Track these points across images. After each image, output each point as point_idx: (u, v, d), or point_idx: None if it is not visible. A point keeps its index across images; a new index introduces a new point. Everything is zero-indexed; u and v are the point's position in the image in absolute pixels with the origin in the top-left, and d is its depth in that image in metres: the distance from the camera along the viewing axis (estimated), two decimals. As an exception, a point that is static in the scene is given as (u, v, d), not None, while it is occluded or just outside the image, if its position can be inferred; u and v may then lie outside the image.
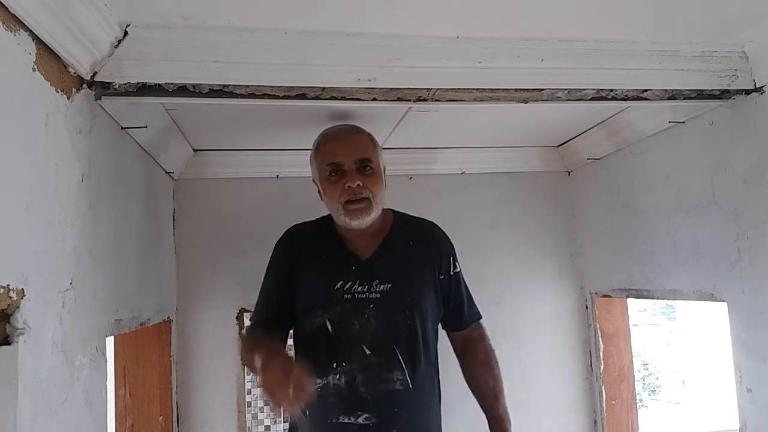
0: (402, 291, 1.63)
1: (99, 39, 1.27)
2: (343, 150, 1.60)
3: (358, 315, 1.59)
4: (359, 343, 1.58)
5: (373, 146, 1.67)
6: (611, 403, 2.65)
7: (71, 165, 1.26)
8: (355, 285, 1.61)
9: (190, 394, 2.41)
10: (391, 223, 1.73)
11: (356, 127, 1.70)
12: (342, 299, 1.60)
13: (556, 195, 2.82)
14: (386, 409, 1.57)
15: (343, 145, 1.62)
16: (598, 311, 2.68)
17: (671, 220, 2.07)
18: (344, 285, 1.61)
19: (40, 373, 1.07)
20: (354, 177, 1.58)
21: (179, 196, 2.49)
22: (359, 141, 1.64)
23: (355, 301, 1.60)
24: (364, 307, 1.60)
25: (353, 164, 1.59)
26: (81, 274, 1.28)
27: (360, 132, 1.67)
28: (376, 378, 1.57)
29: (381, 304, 1.60)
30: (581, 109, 2.07)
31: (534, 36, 1.51)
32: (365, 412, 1.56)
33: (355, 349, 1.58)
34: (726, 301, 1.81)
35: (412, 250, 1.70)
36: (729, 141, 1.79)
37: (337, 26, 1.40)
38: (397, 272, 1.64)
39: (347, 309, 1.60)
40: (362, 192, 1.57)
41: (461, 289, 1.77)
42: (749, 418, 1.75)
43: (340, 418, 1.56)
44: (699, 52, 1.62)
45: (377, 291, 1.60)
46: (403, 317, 1.61)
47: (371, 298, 1.60)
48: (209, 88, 1.42)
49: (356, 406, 1.56)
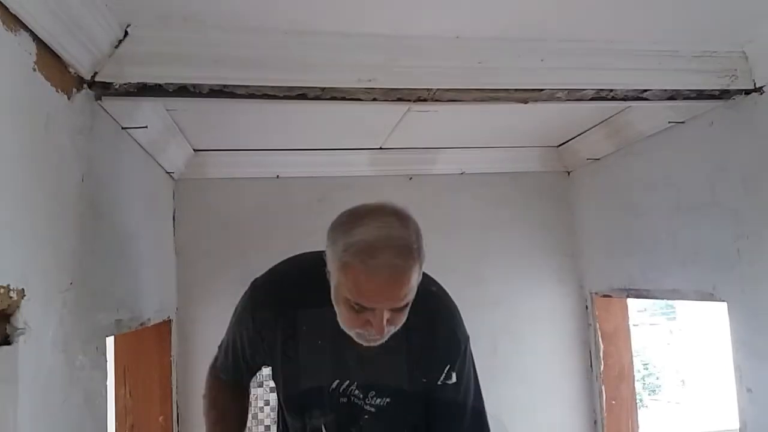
0: (400, 408, 1.37)
1: (99, 39, 1.27)
2: (381, 298, 1.17)
3: (353, 424, 1.38)
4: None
5: (419, 273, 1.20)
6: (611, 403, 2.65)
7: (71, 165, 1.26)
8: (351, 386, 1.36)
9: (190, 394, 2.40)
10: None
11: (407, 250, 1.16)
12: (338, 403, 1.37)
13: (555, 195, 2.82)
14: None
15: (384, 292, 1.17)
16: (598, 311, 2.68)
17: (671, 220, 2.07)
18: (340, 386, 1.36)
19: (41, 373, 1.07)
20: (382, 324, 1.19)
21: (179, 196, 2.49)
22: (405, 285, 1.16)
23: (351, 406, 1.37)
24: (358, 416, 1.38)
25: (387, 310, 1.19)
26: (81, 274, 1.28)
27: (409, 266, 1.16)
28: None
29: (376, 420, 1.37)
30: (581, 109, 2.07)
31: (534, 36, 1.51)
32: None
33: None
34: (726, 300, 1.81)
35: (416, 347, 1.35)
36: (729, 141, 1.79)
37: (337, 26, 1.40)
38: (397, 382, 1.36)
39: (343, 416, 1.38)
40: (385, 331, 1.21)
41: (447, 406, 1.38)
42: (749, 418, 1.75)
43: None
44: (699, 52, 1.62)
45: (373, 405, 1.37)
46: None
47: (365, 410, 1.37)
48: (209, 88, 1.42)
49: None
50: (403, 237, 1.16)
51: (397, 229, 1.17)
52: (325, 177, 2.62)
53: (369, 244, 1.14)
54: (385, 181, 2.63)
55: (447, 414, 1.38)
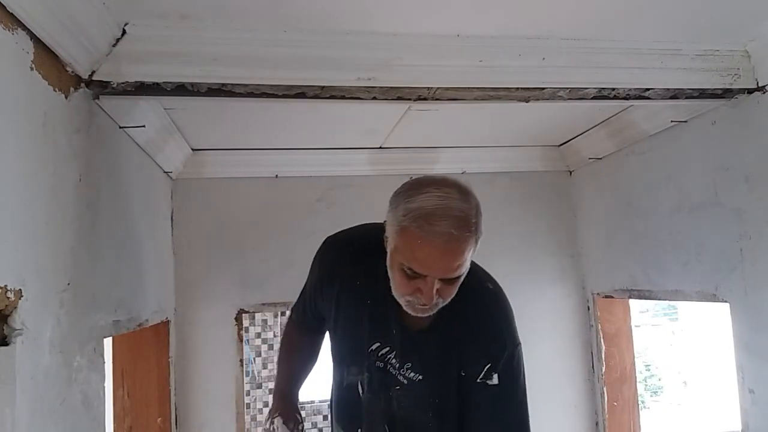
0: (430, 389, 1.38)
1: (97, 38, 1.26)
2: (435, 266, 1.20)
3: (385, 391, 1.42)
4: (383, 422, 1.43)
5: (474, 249, 1.24)
6: (613, 404, 2.64)
7: (69, 164, 1.26)
8: (390, 354, 1.40)
9: (189, 396, 2.40)
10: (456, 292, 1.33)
11: (464, 222, 1.18)
12: (374, 366, 1.42)
13: (557, 195, 2.81)
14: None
15: (438, 260, 1.20)
16: (600, 312, 2.67)
17: (673, 220, 2.06)
18: (380, 349, 1.41)
19: (38, 374, 1.06)
20: (431, 293, 1.22)
21: (177, 196, 2.48)
22: (459, 257, 1.20)
23: (385, 373, 1.41)
24: (390, 384, 1.41)
25: (438, 280, 1.23)
26: (79, 274, 1.27)
27: (465, 238, 1.19)
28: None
29: (407, 392, 1.40)
30: (583, 108, 2.07)
31: (535, 34, 1.50)
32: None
33: (378, 426, 1.45)
34: (728, 301, 1.80)
35: (457, 335, 1.36)
36: (731, 140, 1.78)
37: (336, 24, 1.39)
38: (433, 364, 1.38)
39: (376, 380, 1.42)
40: (434, 301, 1.25)
41: (483, 406, 1.36)
42: (751, 419, 1.74)
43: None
44: (701, 51, 1.61)
45: (406, 377, 1.39)
46: (425, 418, 1.40)
47: (398, 380, 1.41)
48: (208, 87, 1.42)
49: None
50: (463, 209, 1.19)
51: (458, 201, 1.20)
52: (324, 176, 2.61)
53: (428, 212, 1.17)
54: (385, 180, 2.58)
55: (484, 415, 1.36)
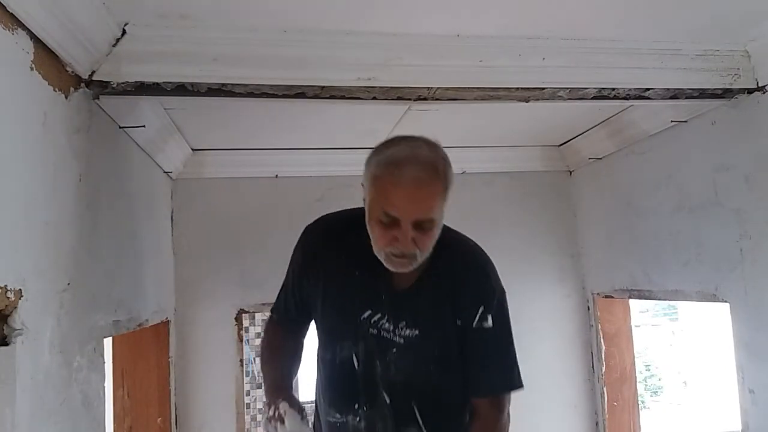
0: (429, 341, 1.43)
1: (97, 38, 1.26)
2: (406, 207, 1.29)
3: (381, 356, 1.44)
4: (380, 388, 1.45)
5: (443, 196, 1.34)
6: (613, 404, 2.63)
7: (69, 165, 1.26)
8: (383, 320, 1.43)
9: (189, 396, 2.40)
10: (436, 252, 1.41)
11: (431, 168, 1.30)
12: (367, 333, 1.45)
13: (557, 194, 2.81)
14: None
15: (408, 201, 1.29)
16: (600, 312, 2.67)
17: (673, 220, 2.06)
18: (372, 317, 1.44)
19: (38, 374, 1.06)
20: (407, 239, 1.30)
21: (177, 196, 2.48)
22: (428, 199, 1.30)
23: (379, 339, 1.44)
24: (386, 348, 1.44)
25: (411, 223, 1.30)
26: (79, 274, 1.27)
27: (432, 181, 1.30)
28: (395, 431, 1.45)
29: (404, 350, 1.42)
30: (583, 108, 2.06)
31: (535, 34, 1.50)
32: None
33: (377, 395, 1.46)
34: (728, 301, 1.80)
35: (447, 289, 1.43)
36: (731, 140, 1.78)
37: (336, 25, 1.39)
38: (428, 317, 1.43)
39: (371, 347, 1.44)
40: (411, 249, 1.32)
41: (482, 349, 1.45)
42: (751, 419, 1.74)
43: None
44: (701, 51, 1.61)
45: (402, 335, 1.43)
46: (426, 372, 1.44)
47: (394, 341, 1.43)
48: (208, 87, 1.42)
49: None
50: (429, 157, 1.31)
51: (425, 150, 1.32)
52: (324, 176, 2.61)
53: (397, 159, 1.29)
54: (386, 181, 2.61)
55: (483, 357, 1.44)
